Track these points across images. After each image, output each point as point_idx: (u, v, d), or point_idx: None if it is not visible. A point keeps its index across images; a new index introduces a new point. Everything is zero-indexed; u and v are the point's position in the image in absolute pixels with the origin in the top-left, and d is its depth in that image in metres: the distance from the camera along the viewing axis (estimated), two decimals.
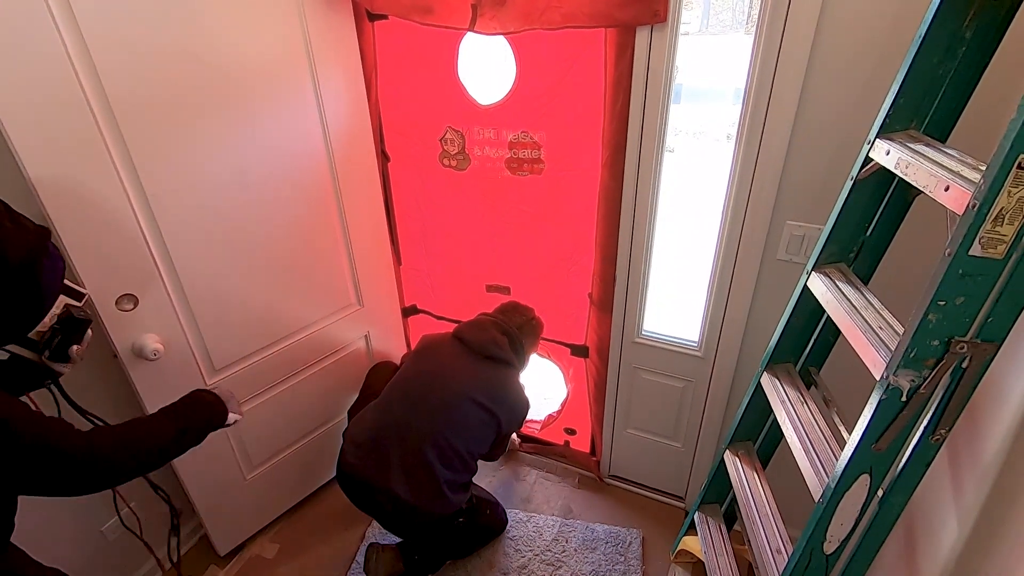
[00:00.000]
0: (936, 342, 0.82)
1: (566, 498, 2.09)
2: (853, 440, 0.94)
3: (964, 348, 0.82)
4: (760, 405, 1.40)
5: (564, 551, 1.87)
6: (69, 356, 1.00)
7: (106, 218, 1.29)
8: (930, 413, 0.92)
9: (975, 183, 0.75)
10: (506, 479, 2.17)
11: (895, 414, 0.89)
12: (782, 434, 1.25)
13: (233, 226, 1.52)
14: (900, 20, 1.11)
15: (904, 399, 0.87)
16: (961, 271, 0.77)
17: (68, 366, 1.02)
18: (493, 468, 2.20)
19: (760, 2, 1.23)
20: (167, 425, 1.06)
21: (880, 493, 1.00)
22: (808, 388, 1.32)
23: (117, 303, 1.35)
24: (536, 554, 1.87)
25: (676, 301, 2.53)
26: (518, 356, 1.77)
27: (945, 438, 0.93)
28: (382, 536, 1.91)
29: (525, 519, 1.99)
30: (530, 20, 1.38)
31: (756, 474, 1.46)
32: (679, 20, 1.32)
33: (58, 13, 1.12)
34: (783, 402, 1.28)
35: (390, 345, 2.14)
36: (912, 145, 0.95)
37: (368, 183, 1.85)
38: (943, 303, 0.79)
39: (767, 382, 1.35)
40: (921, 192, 0.89)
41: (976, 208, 0.72)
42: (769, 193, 1.39)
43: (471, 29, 1.45)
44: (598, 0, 1.30)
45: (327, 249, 1.80)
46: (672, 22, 1.31)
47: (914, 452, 0.96)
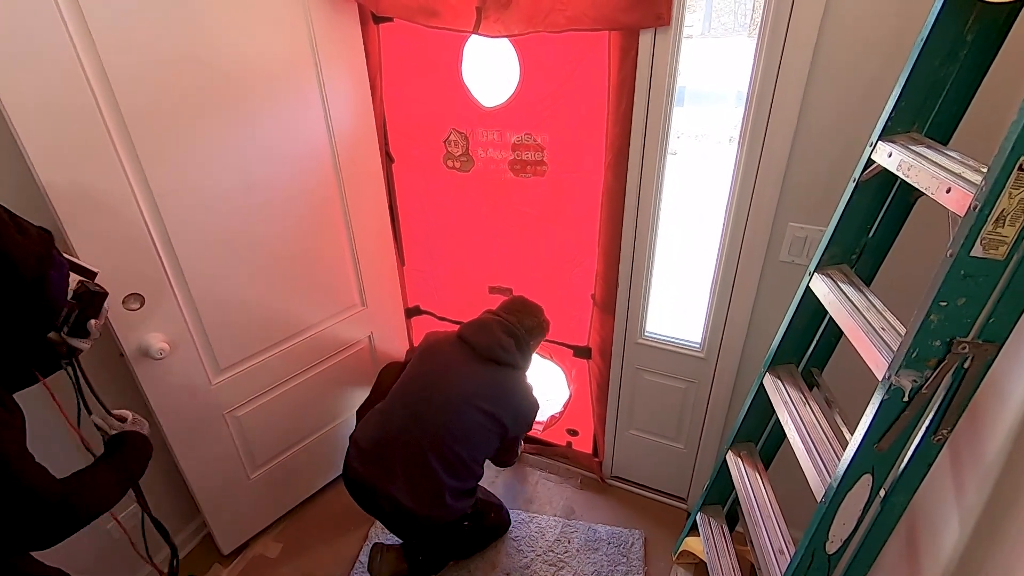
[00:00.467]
0: (938, 342, 0.83)
1: (568, 499, 2.10)
2: (855, 440, 0.95)
3: (966, 348, 0.83)
4: (762, 406, 1.40)
5: (566, 552, 1.88)
6: (88, 331, 1.00)
7: (114, 218, 1.30)
8: (932, 413, 0.92)
9: (976, 185, 0.75)
10: (509, 480, 2.18)
11: (897, 414, 0.90)
12: (784, 435, 1.26)
13: (238, 226, 1.53)
14: (902, 23, 1.12)
15: (906, 399, 0.87)
16: (963, 272, 0.77)
17: (88, 341, 1.02)
18: (496, 469, 2.21)
19: (763, 6, 1.24)
20: (116, 477, 1.05)
21: (882, 493, 1.01)
22: (810, 389, 1.32)
23: (124, 302, 1.36)
24: (538, 554, 1.87)
25: (678, 302, 2.53)
26: (523, 357, 1.74)
27: (947, 438, 0.93)
28: (385, 536, 1.92)
29: (527, 519, 2.00)
30: (534, 23, 1.39)
31: (758, 475, 1.46)
32: (682, 23, 1.33)
33: (70, 18, 1.13)
34: (785, 403, 1.28)
35: (393, 346, 2.15)
36: (914, 147, 0.96)
37: (372, 184, 1.86)
38: (945, 304, 0.80)
39: (769, 383, 1.36)
40: (923, 194, 0.89)
41: (977, 210, 0.73)
42: (771, 195, 1.40)
43: (475, 32, 1.47)
44: (602, 3, 1.31)
45: (331, 250, 1.81)
46: (675, 25, 1.32)
47: (916, 452, 0.96)
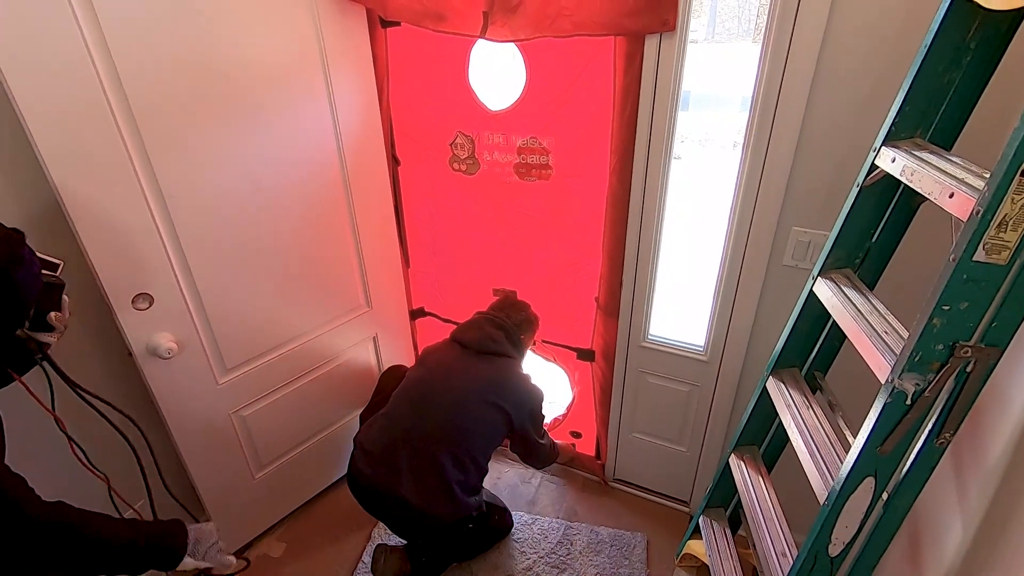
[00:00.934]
0: (940, 346, 0.83)
1: (571, 501, 2.10)
2: (858, 443, 0.95)
3: (968, 352, 0.83)
4: (765, 409, 1.41)
5: (569, 554, 1.88)
6: (50, 324, 0.99)
7: (124, 218, 1.31)
8: (934, 417, 0.93)
9: (979, 190, 0.76)
10: (512, 482, 2.18)
11: (900, 418, 0.90)
12: (787, 438, 1.26)
13: (246, 227, 1.55)
14: (906, 29, 1.13)
15: (909, 403, 0.88)
16: (965, 276, 0.78)
17: (53, 335, 1.01)
18: (498, 471, 2.22)
19: (767, 12, 1.25)
20: (123, 531, 0.98)
21: (885, 496, 1.01)
22: (813, 392, 1.32)
23: (133, 302, 1.37)
24: (541, 556, 1.88)
25: (682, 306, 2.54)
26: (516, 348, 1.78)
27: (949, 442, 0.94)
28: (388, 537, 1.93)
29: (530, 521, 2.00)
30: (541, 28, 1.40)
31: (761, 478, 1.47)
32: (688, 28, 1.34)
33: (84, 23, 1.15)
34: (788, 406, 1.29)
35: (398, 347, 2.16)
36: (917, 153, 0.97)
37: (379, 186, 1.87)
38: (947, 308, 0.80)
39: (773, 386, 1.36)
40: (926, 199, 0.90)
41: (980, 215, 0.74)
42: (775, 200, 1.41)
43: (482, 36, 1.48)
44: (608, 9, 1.32)
45: (337, 251, 1.82)
46: (681, 31, 1.33)
47: (919, 456, 0.97)
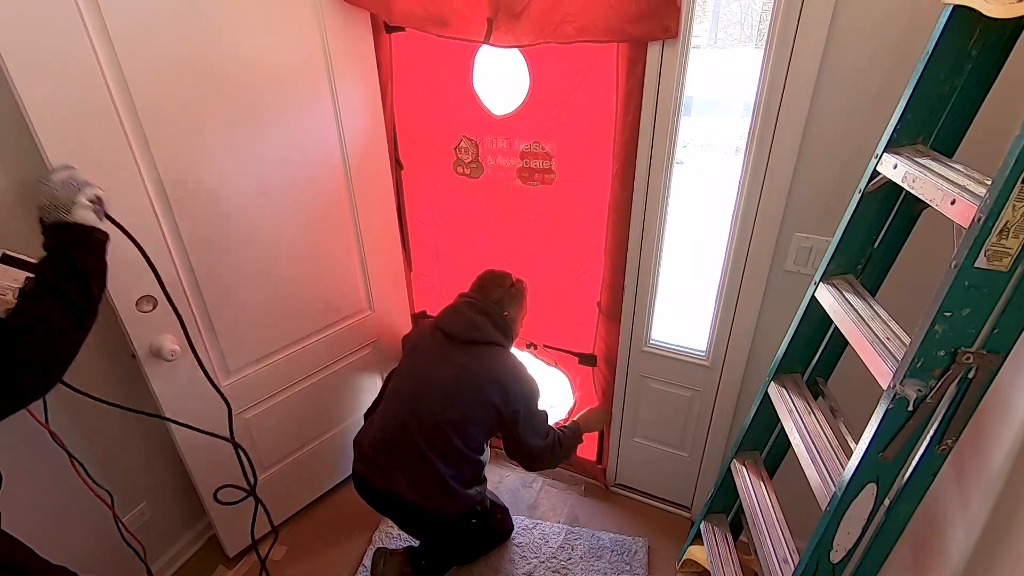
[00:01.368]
0: (942, 352, 0.84)
1: (572, 506, 2.10)
2: (860, 449, 0.95)
3: (970, 359, 0.83)
4: (767, 415, 1.41)
5: (570, 559, 1.88)
6: None
7: (129, 221, 1.31)
8: (936, 423, 0.93)
9: (981, 197, 0.76)
10: (513, 486, 2.18)
11: (902, 423, 0.90)
12: (789, 443, 1.26)
13: (250, 230, 1.55)
14: (908, 37, 1.13)
15: (911, 409, 0.88)
16: (967, 283, 0.78)
17: None
18: (500, 475, 2.21)
19: (770, 18, 1.26)
20: (47, 301, 0.92)
21: (887, 502, 1.01)
22: (815, 398, 1.33)
23: (137, 304, 1.38)
24: (542, 561, 1.87)
25: (684, 310, 2.53)
26: (504, 333, 1.68)
27: (951, 448, 0.94)
28: (389, 541, 1.93)
29: (531, 526, 2.00)
30: (544, 34, 1.41)
31: (763, 483, 1.46)
32: (690, 34, 1.34)
33: (91, 25, 1.16)
34: (790, 412, 1.29)
35: (400, 351, 2.15)
36: (919, 159, 0.97)
37: (382, 190, 1.88)
38: (949, 314, 0.81)
39: (774, 392, 1.36)
40: (928, 205, 0.90)
41: (982, 222, 0.74)
42: (777, 205, 1.41)
43: (486, 42, 1.49)
44: (612, 15, 1.33)
45: (340, 254, 1.83)
46: (683, 37, 1.34)
47: (921, 462, 0.97)
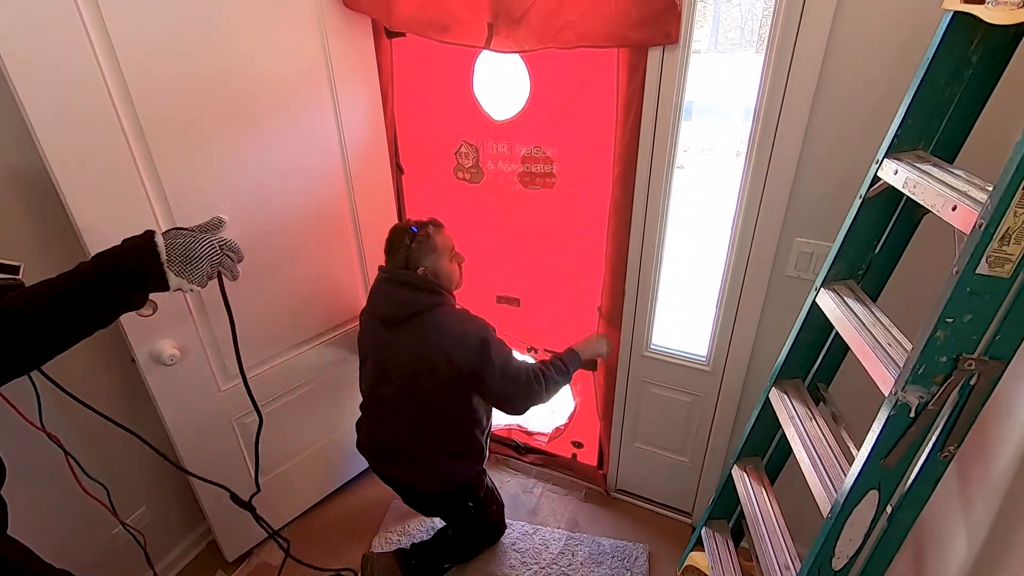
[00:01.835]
0: (944, 359, 0.83)
1: (573, 511, 2.09)
2: (862, 456, 0.95)
3: (972, 365, 0.83)
4: (768, 420, 1.40)
5: (570, 564, 1.87)
6: None
7: (130, 225, 1.31)
8: (939, 430, 0.93)
9: (982, 203, 0.76)
10: (513, 491, 2.17)
11: (903, 430, 0.90)
12: (790, 449, 1.25)
13: (251, 236, 1.55)
14: (909, 42, 1.13)
15: (912, 415, 0.88)
16: (968, 289, 0.78)
17: None
18: (500, 480, 2.20)
19: (770, 22, 1.26)
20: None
21: (889, 509, 1.01)
22: (817, 404, 1.32)
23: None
24: (542, 567, 1.86)
25: (685, 315, 2.53)
26: (432, 290, 1.55)
27: (954, 455, 0.94)
28: (389, 547, 1.92)
29: (531, 531, 1.99)
30: (545, 40, 1.41)
31: (764, 490, 1.46)
32: (691, 40, 1.35)
33: (93, 33, 1.16)
34: (792, 418, 1.28)
35: None
36: (920, 165, 0.97)
37: (382, 195, 1.88)
38: (951, 320, 0.80)
39: (776, 397, 1.36)
40: (928, 211, 0.90)
41: (983, 228, 0.74)
42: (778, 210, 1.41)
43: (487, 47, 1.49)
44: (612, 21, 1.33)
45: (341, 259, 1.83)
46: (684, 42, 1.34)
47: (923, 469, 0.96)
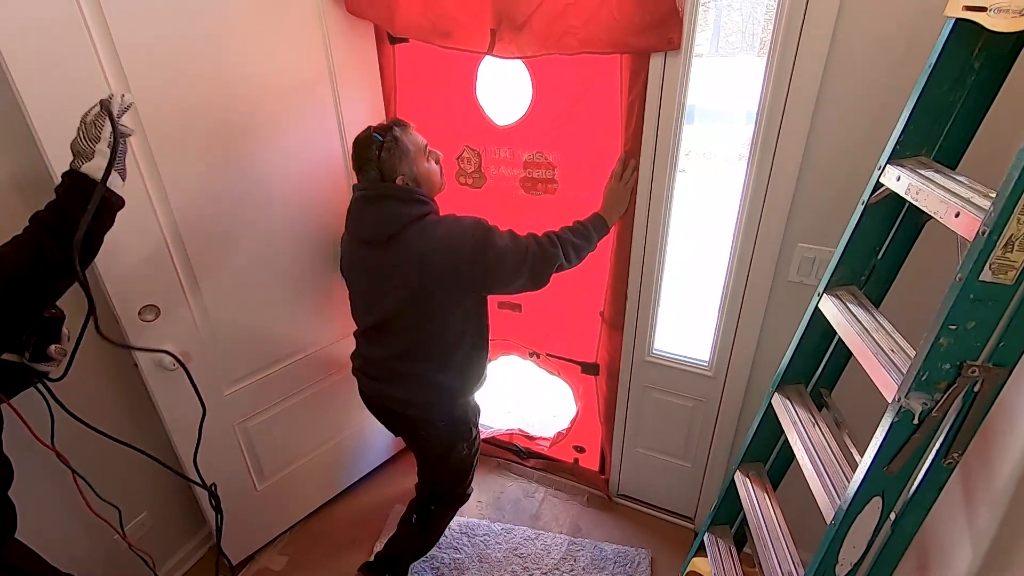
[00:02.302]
0: (948, 366, 0.83)
1: (575, 516, 2.09)
2: (865, 462, 0.94)
3: (976, 372, 0.83)
4: (771, 426, 1.40)
5: (572, 570, 1.86)
6: (49, 356, 1.02)
7: (133, 230, 1.32)
8: (942, 437, 0.92)
9: (985, 210, 0.76)
10: (515, 496, 2.17)
11: (907, 437, 0.89)
12: (793, 455, 1.25)
13: (254, 241, 1.56)
14: (912, 48, 1.14)
15: (916, 422, 0.87)
16: (972, 296, 0.77)
17: (51, 365, 1.04)
18: (501, 485, 2.20)
19: (772, 28, 1.26)
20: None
21: (892, 516, 1.00)
22: (819, 409, 1.32)
23: (140, 313, 1.38)
24: (544, 572, 1.86)
25: (687, 320, 2.53)
26: (412, 199, 1.37)
27: (958, 462, 0.93)
28: None
29: (533, 536, 1.98)
30: (547, 46, 1.41)
31: (767, 496, 1.45)
32: (692, 45, 1.35)
33: (97, 36, 1.17)
34: (794, 423, 1.28)
35: None
36: (922, 171, 0.97)
37: None
38: (954, 327, 0.80)
39: (778, 403, 1.35)
40: (931, 217, 0.90)
41: (986, 235, 0.74)
42: (781, 215, 1.41)
43: (490, 53, 1.49)
44: (615, 28, 1.33)
45: None
46: (686, 47, 1.34)
47: (927, 476, 0.96)
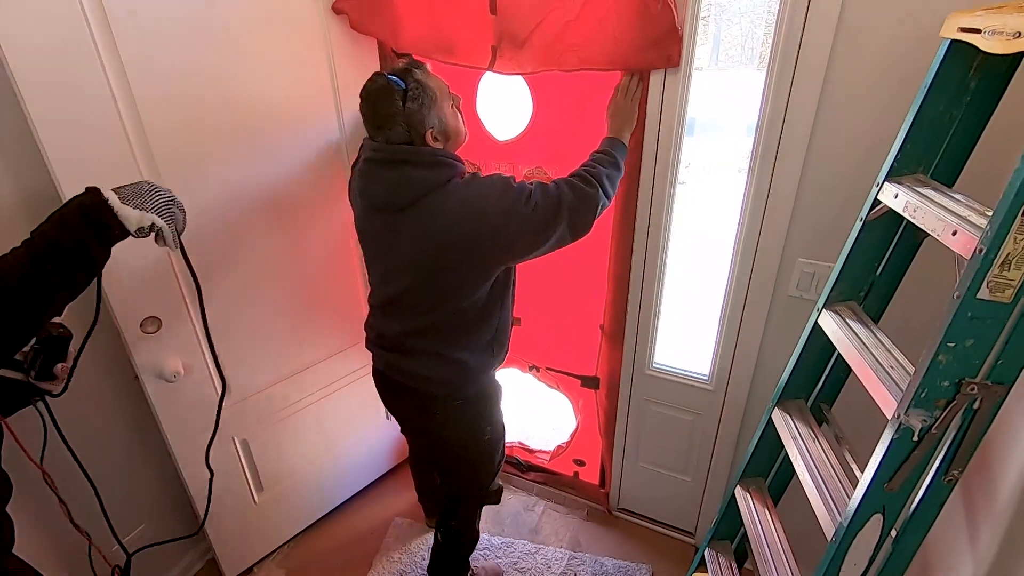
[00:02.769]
0: (947, 383, 0.83)
1: (575, 530, 2.07)
2: (865, 479, 0.94)
3: (975, 389, 0.83)
4: (771, 441, 1.39)
5: None
6: (54, 374, 1.02)
7: (137, 243, 1.32)
8: (942, 453, 0.92)
9: (982, 228, 0.76)
10: (514, 509, 2.16)
11: (907, 454, 0.89)
12: (794, 471, 1.25)
13: (257, 256, 1.57)
14: (909, 65, 1.14)
15: (916, 439, 0.87)
16: (970, 314, 0.78)
17: (55, 384, 1.04)
18: (503, 497, 2.18)
19: (771, 44, 1.27)
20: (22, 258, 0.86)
21: (893, 534, 1.00)
22: (820, 425, 1.31)
23: (142, 325, 1.39)
24: None
25: (687, 334, 2.53)
26: (437, 163, 1.21)
27: (958, 479, 0.93)
28: (390, 565, 1.90)
29: (533, 551, 1.97)
30: (547, 62, 1.43)
31: (768, 511, 1.44)
32: (692, 61, 1.36)
33: (104, 51, 1.18)
34: (794, 439, 1.28)
35: None
36: (920, 189, 0.98)
37: None
38: (953, 345, 0.80)
39: (778, 418, 1.35)
40: (929, 234, 0.91)
41: (983, 253, 0.74)
42: (780, 229, 1.41)
43: (490, 69, 1.51)
44: (614, 46, 1.35)
45: (344, 278, 1.84)
46: (686, 63, 1.35)
47: (927, 492, 0.95)
